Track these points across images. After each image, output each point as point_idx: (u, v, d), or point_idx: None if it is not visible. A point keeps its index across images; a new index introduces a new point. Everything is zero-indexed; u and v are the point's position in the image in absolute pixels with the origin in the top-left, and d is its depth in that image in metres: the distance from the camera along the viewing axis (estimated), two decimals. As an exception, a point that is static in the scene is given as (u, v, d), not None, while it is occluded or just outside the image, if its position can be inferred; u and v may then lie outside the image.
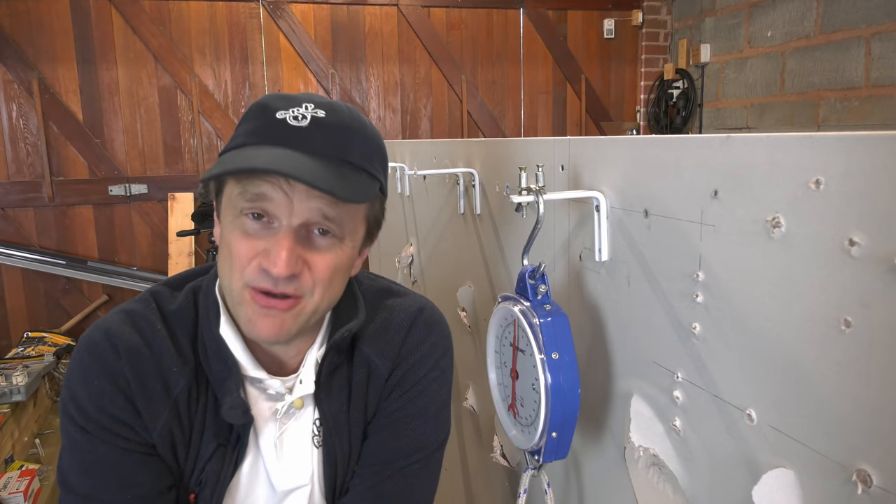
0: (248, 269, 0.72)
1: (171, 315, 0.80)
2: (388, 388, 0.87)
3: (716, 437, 0.65)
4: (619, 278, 0.79)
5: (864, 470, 0.49)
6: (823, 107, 3.34)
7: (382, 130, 4.15)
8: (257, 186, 0.70)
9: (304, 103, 0.73)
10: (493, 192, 1.19)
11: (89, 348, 0.77)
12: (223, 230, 0.75)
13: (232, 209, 0.73)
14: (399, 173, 1.78)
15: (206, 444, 0.79)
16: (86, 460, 0.76)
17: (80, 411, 0.75)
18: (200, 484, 0.80)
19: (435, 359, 0.88)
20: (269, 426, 0.82)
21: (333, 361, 0.84)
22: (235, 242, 0.72)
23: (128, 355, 0.76)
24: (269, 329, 0.74)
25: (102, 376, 0.76)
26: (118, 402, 0.76)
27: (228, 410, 0.77)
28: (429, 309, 0.91)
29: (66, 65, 3.60)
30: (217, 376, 0.79)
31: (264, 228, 0.71)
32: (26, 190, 3.60)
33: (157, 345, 0.78)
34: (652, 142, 0.72)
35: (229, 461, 0.80)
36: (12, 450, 2.38)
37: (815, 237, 0.52)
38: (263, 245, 0.71)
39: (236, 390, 0.78)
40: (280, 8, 3.87)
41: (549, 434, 0.75)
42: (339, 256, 0.75)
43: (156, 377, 0.77)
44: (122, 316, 0.80)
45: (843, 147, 0.49)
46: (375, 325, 0.87)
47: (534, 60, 4.37)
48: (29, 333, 3.37)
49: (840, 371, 0.50)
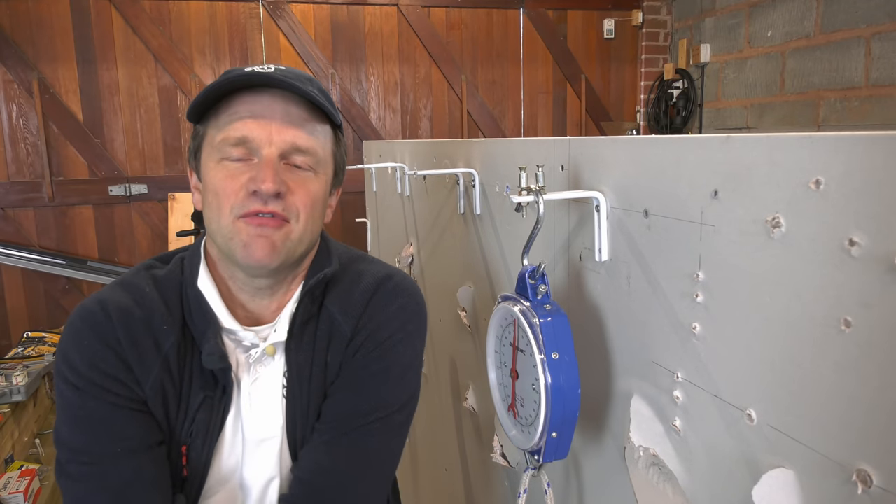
0: (236, 199, 0.80)
1: (160, 279, 0.87)
2: (351, 349, 0.89)
3: (716, 437, 0.65)
4: (619, 278, 0.80)
5: (864, 470, 0.49)
6: (823, 107, 3.34)
7: (383, 130, 4.15)
8: (237, 130, 0.80)
9: (266, 65, 0.84)
10: (493, 192, 1.19)
11: (81, 315, 0.83)
12: (207, 179, 0.83)
13: (215, 154, 0.82)
14: (399, 173, 1.78)
15: (195, 396, 0.84)
16: (77, 416, 0.80)
17: (72, 369, 0.80)
18: (192, 435, 0.83)
19: (401, 321, 0.91)
20: (245, 378, 0.87)
21: (308, 310, 0.88)
22: (221, 182, 0.80)
23: (118, 315, 0.82)
24: (262, 249, 0.80)
25: (93, 337, 0.81)
26: (109, 360, 0.80)
27: (207, 357, 0.82)
28: (399, 276, 0.95)
29: (66, 65, 3.60)
30: (198, 328, 0.84)
31: (245, 164, 0.81)
32: (26, 190, 3.60)
33: (148, 305, 0.84)
34: (652, 142, 0.72)
35: (217, 411, 0.84)
36: (12, 450, 2.38)
37: (815, 237, 0.52)
38: (246, 177, 0.80)
39: (214, 339, 0.83)
40: (280, 8, 3.87)
41: (549, 434, 0.75)
42: (316, 187, 0.85)
43: (146, 335, 0.82)
44: (114, 286, 0.87)
45: (843, 147, 0.49)
46: (343, 285, 0.92)
47: (534, 60, 4.37)
48: (29, 333, 3.37)
49: (840, 371, 0.50)
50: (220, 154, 0.81)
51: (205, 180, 0.84)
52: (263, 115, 0.81)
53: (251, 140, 0.80)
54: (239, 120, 0.81)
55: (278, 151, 0.81)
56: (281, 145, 0.81)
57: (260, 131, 0.80)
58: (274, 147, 0.81)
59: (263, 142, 0.80)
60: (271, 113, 0.81)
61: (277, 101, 0.82)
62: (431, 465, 1.80)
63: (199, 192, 0.87)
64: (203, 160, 0.84)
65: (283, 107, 0.82)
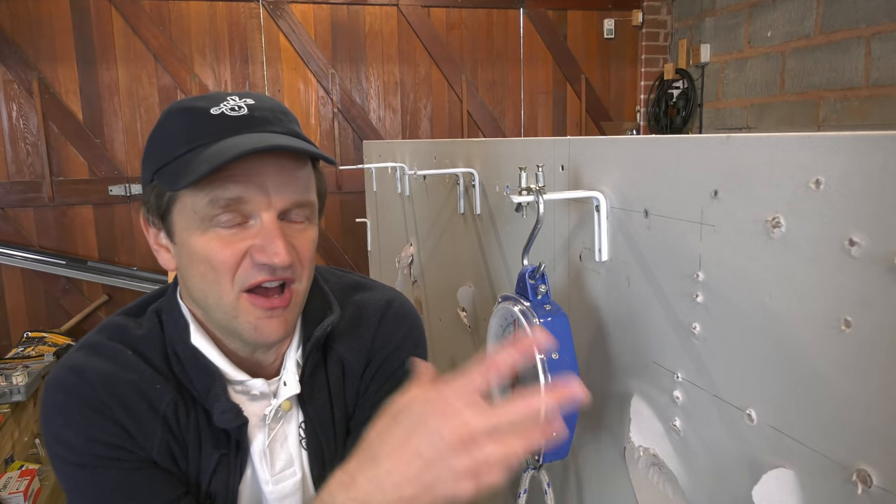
0: (238, 272, 0.71)
1: (139, 340, 0.78)
2: (363, 382, 0.87)
3: (716, 437, 0.65)
4: (619, 278, 0.79)
5: (864, 470, 0.49)
6: (823, 107, 3.34)
7: (382, 130, 4.15)
8: (229, 191, 0.68)
9: (227, 97, 0.73)
10: (493, 192, 1.19)
11: (59, 387, 0.73)
12: (192, 248, 0.71)
13: (198, 221, 0.70)
14: (399, 173, 1.78)
15: (208, 457, 0.77)
16: (94, 494, 0.73)
17: (70, 449, 0.72)
18: (211, 497, 0.78)
19: (407, 350, 0.88)
20: (258, 435, 0.81)
21: (314, 360, 0.84)
22: (216, 253, 0.70)
23: (101, 383, 0.73)
24: (275, 330, 0.74)
25: (82, 408, 0.72)
26: (107, 429, 0.72)
27: (221, 416, 0.76)
28: (398, 301, 0.91)
29: (66, 65, 3.60)
30: (201, 386, 0.76)
31: (241, 230, 0.71)
32: (26, 190, 3.60)
33: (132, 367, 0.75)
34: (652, 142, 0.72)
35: (234, 469, 0.79)
36: (12, 450, 2.38)
37: (815, 237, 0.52)
38: (246, 245, 0.70)
39: (224, 394, 0.76)
40: (280, 8, 3.86)
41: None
42: (313, 234, 0.77)
43: (138, 398, 0.74)
44: (84, 351, 0.77)
45: (843, 147, 0.49)
46: (345, 321, 0.87)
47: (534, 60, 4.37)
48: (29, 333, 3.37)
49: (840, 371, 0.50)
50: (207, 220, 0.69)
51: (187, 247, 0.72)
52: (259, 175, 0.69)
53: (247, 202, 0.69)
54: (229, 180, 0.68)
55: (277, 212, 0.71)
56: (280, 206, 0.71)
57: (256, 194, 0.69)
58: (273, 209, 0.71)
59: (261, 205, 0.70)
60: (266, 171, 0.70)
61: (269, 157, 0.70)
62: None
63: (169, 252, 0.76)
64: (179, 224, 0.72)
65: (276, 161, 0.71)
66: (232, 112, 0.71)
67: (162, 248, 0.77)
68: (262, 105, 0.74)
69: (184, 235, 0.72)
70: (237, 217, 0.70)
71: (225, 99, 0.73)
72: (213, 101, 0.72)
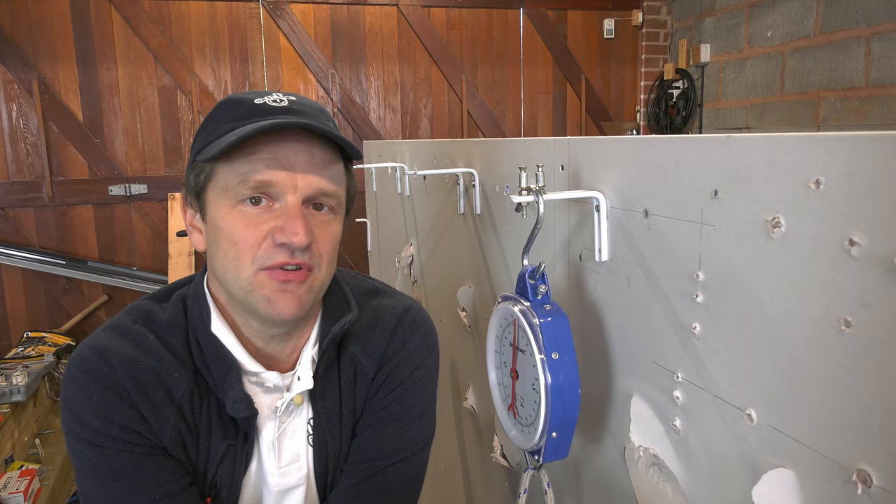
0: (259, 250, 0.74)
1: (163, 325, 0.81)
2: (374, 387, 0.88)
3: (716, 437, 0.65)
4: (619, 278, 0.79)
5: (864, 470, 0.49)
6: (823, 107, 3.34)
7: (382, 130, 4.15)
8: (259, 173, 0.73)
9: (272, 93, 0.79)
10: (493, 192, 1.19)
11: (81, 365, 0.76)
12: (221, 224, 0.76)
13: (228, 199, 0.75)
14: (399, 173, 1.78)
15: (216, 447, 0.79)
16: (102, 473, 0.74)
17: (85, 427, 0.74)
18: (216, 486, 0.80)
19: (420, 358, 0.90)
20: (268, 426, 0.83)
21: (329, 358, 0.85)
22: (241, 231, 0.74)
23: (123, 366, 0.76)
24: (288, 305, 0.76)
25: (102, 389, 0.75)
26: (123, 411, 0.75)
27: (233, 404, 0.78)
28: (414, 309, 0.93)
29: (66, 65, 3.60)
30: (217, 374, 0.79)
31: (266, 211, 0.75)
32: (26, 190, 3.60)
33: (153, 353, 0.78)
34: (652, 142, 0.72)
35: (240, 460, 0.81)
36: (12, 450, 2.38)
37: (815, 237, 0.52)
38: (269, 226, 0.74)
39: (238, 384, 0.79)
40: (280, 8, 3.87)
41: (549, 434, 0.75)
42: (337, 229, 0.80)
43: (156, 384, 0.77)
44: (110, 331, 0.79)
45: (843, 147, 0.49)
46: (362, 324, 0.88)
47: (534, 60, 4.37)
48: (29, 333, 3.37)
49: (840, 371, 0.50)
50: (236, 198, 0.74)
51: (215, 224, 0.76)
52: (287, 158, 0.74)
53: (274, 185, 0.74)
54: (260, 162, 0.73)
55: (302, 197, 0.75)
56: (306, 191, 0.75)
57: (283, 176, 0.74)
58: (298, 193, 0.75)
59: (287, 187, 0.74)
60: (295, 155, 0.74)
61: (300, 143, 0.75)
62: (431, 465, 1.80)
63: (201, 233, 0.81)
64: (212, 201, 0.77)
65: (306, 148, 0.75)
66: (273, 103, 0.77)
67: (195, 229, 0.81)
68: (302, 102, 0.79)
69: (213, 212, 0.77)
70: (265, 199, 0.75)
71: (270, 94, 0.78)
72: (258, 94, 0.78)
